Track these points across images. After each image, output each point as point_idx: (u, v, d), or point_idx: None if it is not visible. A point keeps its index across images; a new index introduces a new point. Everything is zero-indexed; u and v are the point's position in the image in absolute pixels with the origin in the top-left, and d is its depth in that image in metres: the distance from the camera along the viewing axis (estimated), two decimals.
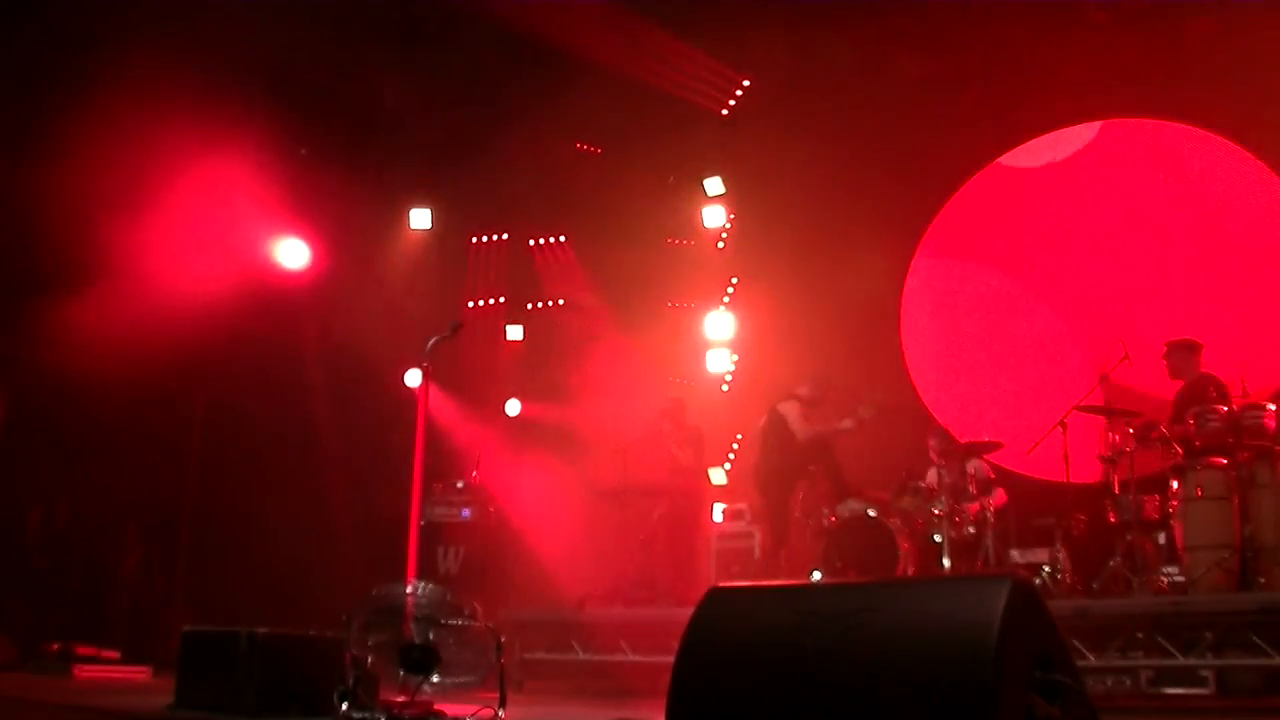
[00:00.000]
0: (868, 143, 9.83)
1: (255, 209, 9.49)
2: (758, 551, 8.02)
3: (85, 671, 7.33)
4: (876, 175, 9.78)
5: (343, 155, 10.17)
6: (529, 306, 11.79)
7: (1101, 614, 5.87)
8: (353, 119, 10.16)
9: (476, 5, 8.93)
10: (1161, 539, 6.65)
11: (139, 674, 7.56)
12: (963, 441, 7.69)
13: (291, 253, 10.11)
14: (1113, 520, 6.72)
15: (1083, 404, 7.01)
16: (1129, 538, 6.46)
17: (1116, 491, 6.75)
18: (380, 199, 10.80)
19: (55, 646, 7.69)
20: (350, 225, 10.54)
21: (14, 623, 8.63)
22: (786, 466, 7.98)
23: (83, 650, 7.61)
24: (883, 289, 10.23)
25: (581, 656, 7.54)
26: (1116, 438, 6.71)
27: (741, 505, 8.50)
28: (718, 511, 8.69)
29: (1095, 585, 6.51)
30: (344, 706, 4.16)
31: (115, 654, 7.80)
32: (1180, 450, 6.49)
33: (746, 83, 10.77)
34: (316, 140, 10.14)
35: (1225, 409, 6.33)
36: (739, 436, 10.28)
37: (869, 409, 7.64)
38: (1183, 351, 7.13)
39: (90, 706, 4.94)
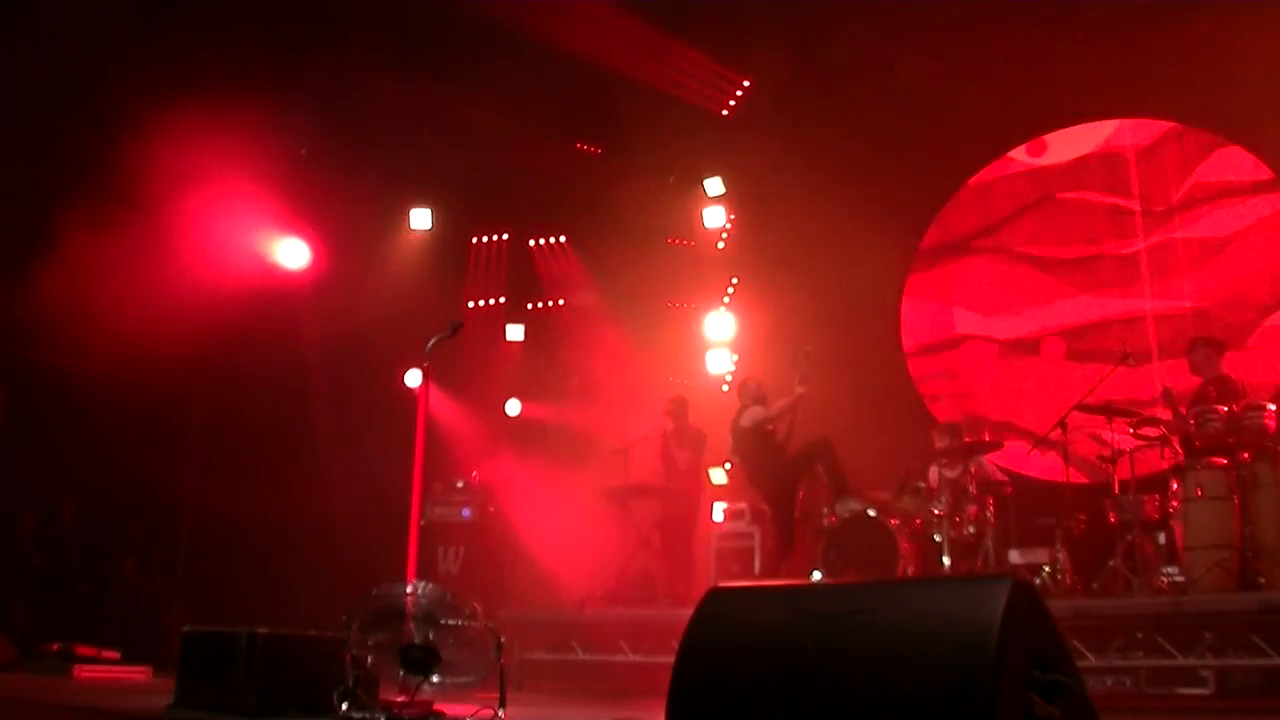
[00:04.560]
0: (868, 143, 9.83)
1: (255, 209, 9.48)
2: (758, 553, 8.01)
3: (85, 671, 7.31)
4: (877, 175, 9.78)
5: (343, 155, 10.16)
6: (529, 306, 11.78)
7: (1101, 614, 5.88)
8: (353, 119, 10.15)
9: (477, 5, 8.92)
10: (1161, 539, 6.65)
11: (139, 674, 7.55)
12: (963, 441, 7.71)
13: (291, 253, 10.11)
14: (1113, 520, 6.73)
15: (1083, 404, 7.01)
16: (1129, 538, 6.47)
17: (1116, 491, 6.76)
18: (380, 199, 10.79)
19: (55, 646, 7.67)
20: (350, 225, 10.53)
21: (14, 623, 8.62)
22: (783, 467, 7.94)
23: (83, 650, 7.59)
24: (883, 289, 10.23)
25: (581, 656, 7.54)
26: (1116, 438, 6.71)
27: (741, 505, 8.47)
28: (718, 511, 8.68)
29: (1095, 585, 6.52)
30: (344, 706, 4.16)
31: (115, 654, 7.78)
32: (1180, 450, 6.49)
33: (746, 83, 10.77)
34: (316, 140, 10.13)
35: (1225, 409, 6.33)
36: None
37: (804, 361, 7.69)
38: (1205, 348, 7.11)
39: (90, 706, 4.93)
